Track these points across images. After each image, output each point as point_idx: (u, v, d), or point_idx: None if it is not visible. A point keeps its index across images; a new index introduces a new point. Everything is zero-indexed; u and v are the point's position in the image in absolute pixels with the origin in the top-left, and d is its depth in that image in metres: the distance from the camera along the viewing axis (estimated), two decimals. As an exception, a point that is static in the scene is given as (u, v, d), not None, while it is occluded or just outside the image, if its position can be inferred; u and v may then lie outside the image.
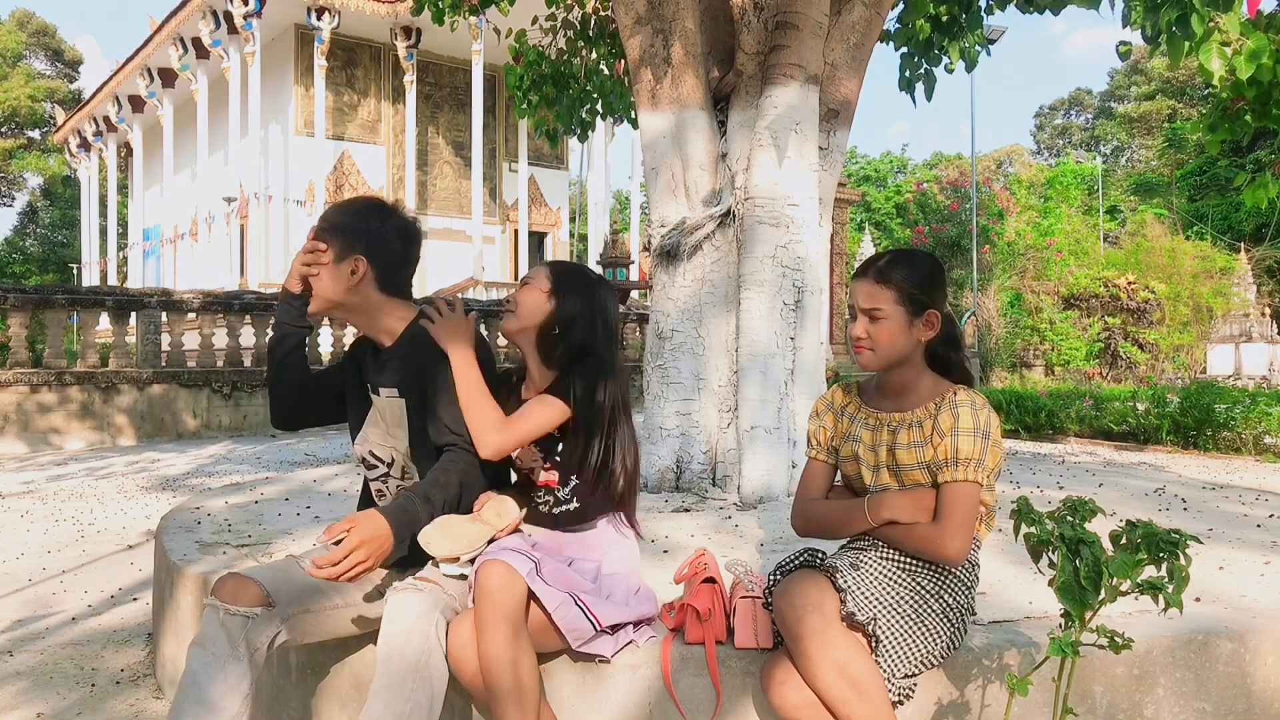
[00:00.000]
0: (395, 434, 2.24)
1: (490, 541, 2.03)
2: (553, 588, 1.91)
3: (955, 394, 1.92)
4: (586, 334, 2.16)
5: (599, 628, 1.95)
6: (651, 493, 4.03)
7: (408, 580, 1.99)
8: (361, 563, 1.90)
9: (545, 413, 2.10)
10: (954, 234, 22.13)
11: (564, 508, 2.17)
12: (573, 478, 2.15)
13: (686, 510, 3.68)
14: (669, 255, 4.19)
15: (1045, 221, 22.48)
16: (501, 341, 12.25)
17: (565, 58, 6.30)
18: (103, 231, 31.36)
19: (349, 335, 11.89)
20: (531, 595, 1.88)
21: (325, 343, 12.79)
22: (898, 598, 1.88)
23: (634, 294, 17.88)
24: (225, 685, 1.86)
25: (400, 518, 1.98)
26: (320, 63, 19.65)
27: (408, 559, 2.10)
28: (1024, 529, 1.83)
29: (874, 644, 1.83)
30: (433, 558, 2.01)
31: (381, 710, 1.82)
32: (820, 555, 1.99)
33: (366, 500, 2.37)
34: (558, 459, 2.16)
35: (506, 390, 2.26)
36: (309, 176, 20.14)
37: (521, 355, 2.27)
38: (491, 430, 2.07)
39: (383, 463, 2.27)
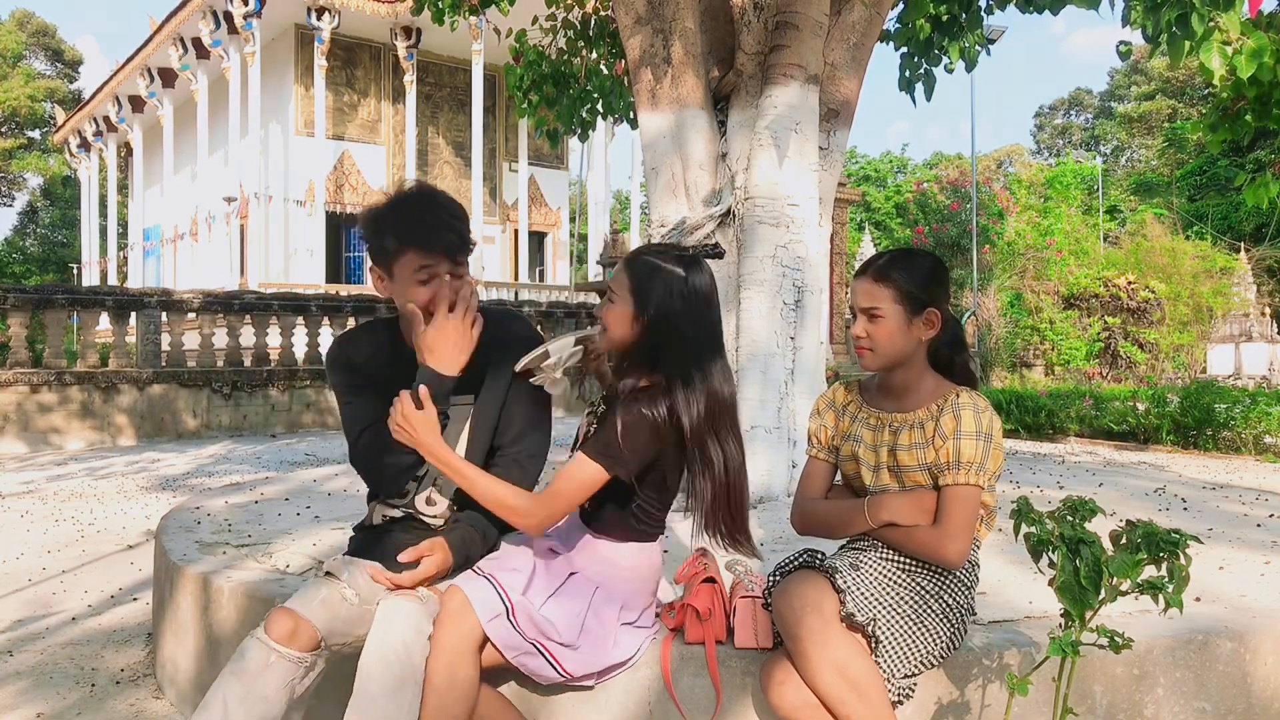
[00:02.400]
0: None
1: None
2: (518, 634, 1.85)
3: (958, 396, 1.91)
4: (680, 344, 1.94)
5: (570, 680, 1.92)
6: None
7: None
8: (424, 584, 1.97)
9: (584, 479, 1.92)
10: (954, 234, 22.14)
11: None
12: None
13: (686, 510, 3.67)
14: (669, 255, 4.19)
15: (1045, 221, 22.45)
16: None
17: (565, 57, 6.30)
18: (103, 231, 31.37)
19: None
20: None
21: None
22: (897, 598, 1.88)
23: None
24: None
25: (462, 554, 2.01)
26: (320, 63, 19.66)
27: None
28: (1024, 529, 1.83)
29: (874, 644, 1.83)
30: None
31: (381, 716, 1.80)
32: (820, 556, 1.99)
33: (372, 530, 2.19)
34: None
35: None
36: (309, 176, 20.15)
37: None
38: (529, 512, 1.92)
39: (417, 480, 2.12)
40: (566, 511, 1.98)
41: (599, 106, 6.52)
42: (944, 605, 1.90)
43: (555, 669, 1.88)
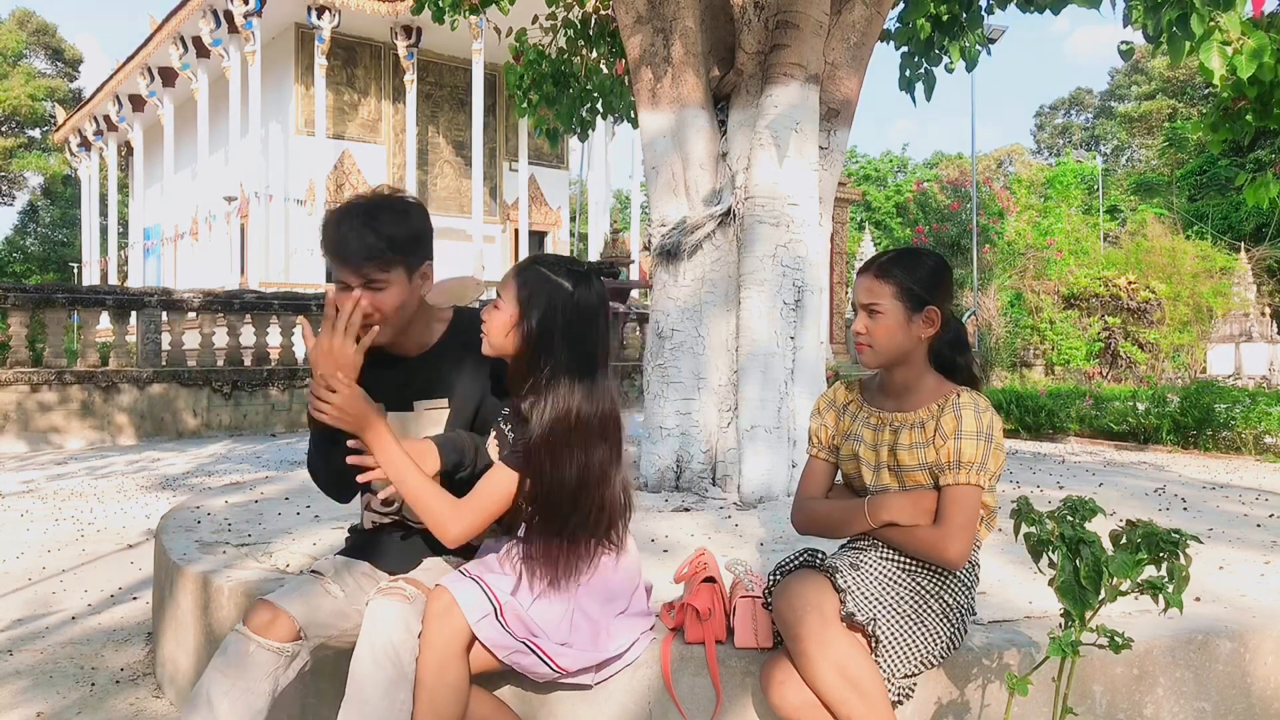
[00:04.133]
0: None
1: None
2: (508, 633, 1.84)
3: (958, 396, 1.91)
4: (556, 358, 1.91)
5: (566, 676, 1.92)
6: (651, 492, 4.03)
7: (398, 583, 1.96)
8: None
9: (501, 487, 1.92)
10: (954, 233, 22.11)
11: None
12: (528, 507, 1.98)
13: (686, 510, 3.68)
14: (669, 254, 4.19)
15: (1045, 221, 22.45)
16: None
17: (565, 57, 6.30)
18: (103, 230, 31.35)
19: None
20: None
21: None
22: (897, 598, 1.88)
23: (634, 293, 17.87)
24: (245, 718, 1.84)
25: (453, 454, 1.99)
26: (320, 62, 19.64)
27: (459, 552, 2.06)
28: (1024, 529, 1.83)
29: (874, 644, 1.83)
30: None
31: (375, 716, 1.81)
32: (820, 555, 1.99)
33: (365, 531, 2.19)
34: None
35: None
36: (309, 176, 20.13)
37: None
38: (450, 521, 1.90)
39: None
40: (486, 524, 1.95)
41: (599, 106, 6.52)
42: (944, 605, 1.90)
43: (549, 665, 1.88)
